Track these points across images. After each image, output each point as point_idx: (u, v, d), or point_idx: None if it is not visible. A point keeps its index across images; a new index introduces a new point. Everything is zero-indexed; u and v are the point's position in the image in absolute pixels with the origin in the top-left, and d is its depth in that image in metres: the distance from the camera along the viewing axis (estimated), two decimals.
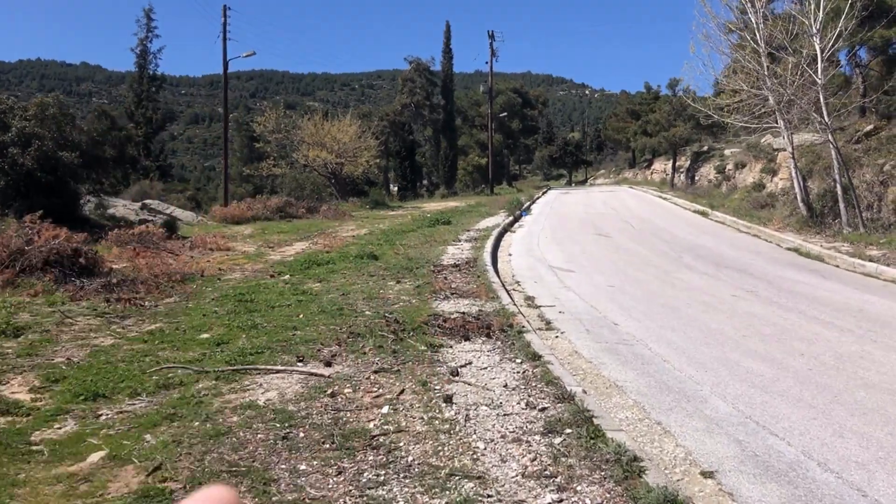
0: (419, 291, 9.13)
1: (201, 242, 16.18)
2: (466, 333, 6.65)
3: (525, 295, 9.81)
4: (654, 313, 8.76)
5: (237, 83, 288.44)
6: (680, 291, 10.57)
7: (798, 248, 16.73)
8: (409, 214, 27.73)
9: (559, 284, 10.98)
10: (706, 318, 8.58)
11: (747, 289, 11.01)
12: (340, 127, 35.22)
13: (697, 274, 12.47)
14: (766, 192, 27.23)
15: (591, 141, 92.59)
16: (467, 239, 17.14)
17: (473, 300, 8.56)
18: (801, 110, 18.89)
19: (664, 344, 7.13)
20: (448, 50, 51.37)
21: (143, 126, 37.27)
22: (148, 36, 39.23)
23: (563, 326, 7.81)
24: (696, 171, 42.15)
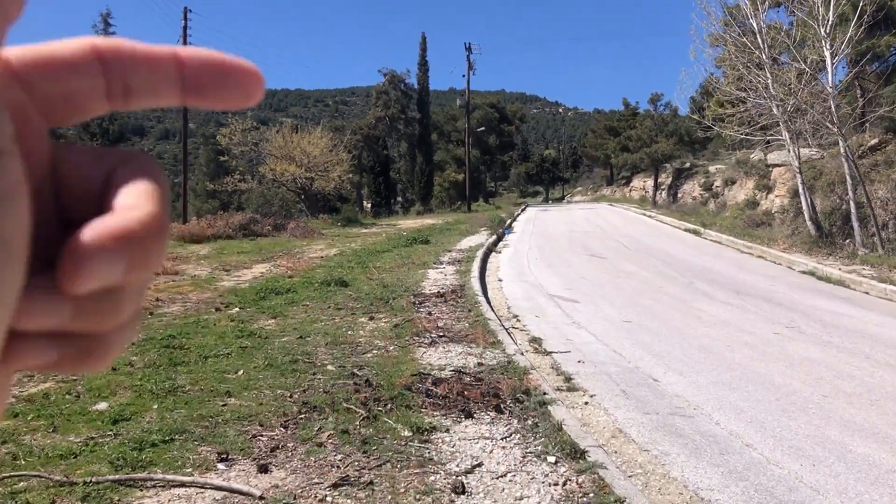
0: (398, 333, 7.22)
1: None
2: (467, 405, 4.76)
3: (529, 335, 7.94)
4: (696, 361, 6.94)
5: None
6: (711, 328, 8.78)
7: (814, 271, 15.14)
8: (384, 232, 25.83)
9: (566, 319, 9.13)
10: (761, 367, 6.78)
11: (785, 323, 9.28)
12: (310, 140, 33.27)
13: (719, 304, 10.73)
14: (760, 209, 25.82)
15: (567, 158, 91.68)
16: (450, 261, 15.27)
17: (468, 346, 6.68)
18: (813, 120, 17.32)
19: (731, 413, 5.30)
20: (424, 62, 49.74)
21: (98, 138, 34.92)
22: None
23: (589, 385, 5.94)
24: (678, 188, 40.86)
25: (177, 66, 0.29)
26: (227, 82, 0.30)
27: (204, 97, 0.30)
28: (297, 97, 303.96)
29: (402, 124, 50.02)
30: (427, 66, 49.92)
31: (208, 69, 0.30)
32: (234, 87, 0.30)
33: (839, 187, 19.87)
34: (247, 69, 0.30)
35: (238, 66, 0.30)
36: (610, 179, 64.22)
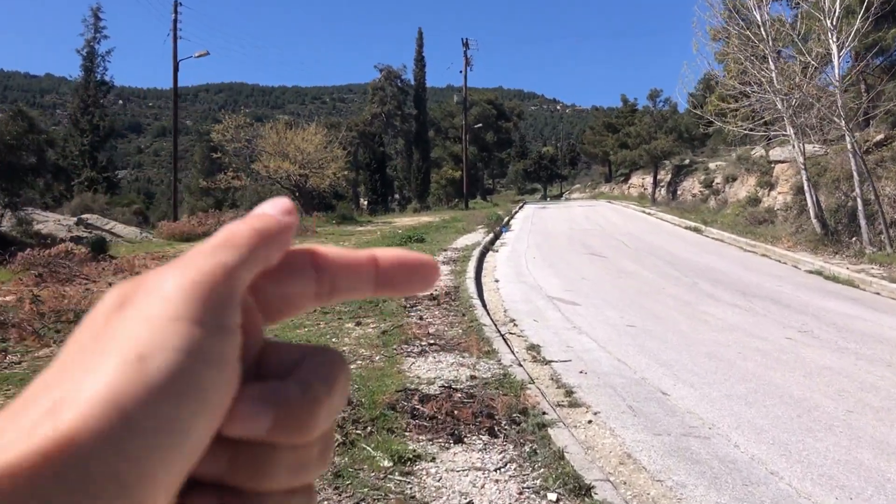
0: (385, 340, 6.70)
1: (129, 266, 13.60)
2: (457, 427, 4.24)
3: (527, 342, 7.42)
4: (706, 371, 6.43)
5: (206, 95, 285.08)
6: (719, 333, 8.28)
7: (821, 270, 14.66)
8: (379, 230, 25.32)
9: (566, 324, 8.62)
10: (777, 378, 6.27)
11: (797, 327, 8.79)
12: (305, 136, 32.65)
13: (726, 306, 10.23)
14: (763, 206, 25.32)
15: (565, 155, 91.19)
16: (445, 260, 14.75)
17: (461, 355, 6.17)
18: (820, 114, 16.81)
19: (750, 433, 4.79)
20: (420, 58, 49.13)
21: (88, 134, 34.33)
22: (95, 37, 36.12)
23: (592, 400, 5.43)
24: (677, 185, 40.37)
25: (374, 268, 0.34)
26: (411, 275, 0.34)
27: (393, 289, 0.34)
28: (294, 94, 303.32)
29: (399, 121, 49.42)
30: (424, 62, 49.32)
31: (398, 267, 0.34)
32: (417, 278, 0.34)
33: (844, 184, 19.39)
34: (427, 263, 0.35)
35: (420, 261, 0.35)
36: (608, 177, 63.74)
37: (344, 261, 0.33)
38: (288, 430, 0.29)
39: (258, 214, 0.32)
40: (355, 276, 0.33)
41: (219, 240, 0.30)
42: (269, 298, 0.32)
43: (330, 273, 0.33)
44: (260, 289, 0.31)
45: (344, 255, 0.34)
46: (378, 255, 0.34)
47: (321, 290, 0.33)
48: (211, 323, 0.27)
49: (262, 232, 0.31)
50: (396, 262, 0.34)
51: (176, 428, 0.26)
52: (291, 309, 0.33)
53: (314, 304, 0.33)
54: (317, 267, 0.33)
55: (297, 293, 0.32)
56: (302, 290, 0.32)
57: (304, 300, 0.33)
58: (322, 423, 0.31)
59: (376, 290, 0.34)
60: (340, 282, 0.33)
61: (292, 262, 0.33)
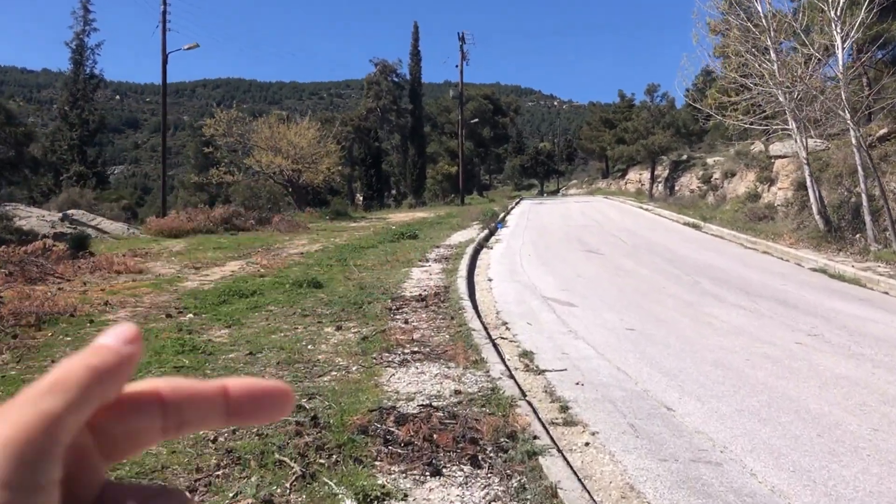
0: (365, 348, 6.18)
1: (107, 263, 13.05)
2: (435, 456, 3.70)
3: (520, 348, 6.89)
4: (713, 381, 5.92)
5: (203, 91, 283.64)
6: (724, 337, 7.78)
7: (825, 268, 14.18)
8: (372, 227, 24.82)
9: (562, 327, 8.10)
10: (790, 389, 5.77)
11: (806, 331, 8.29)
12: (298, 131, 32.08)
13: (730, 307, 9.73)
14: (762, 202, 24.84)
15: (562, 151, 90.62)
16: (437, 258, 14.23)
17: (446, 365, 5.64)
18: (824, 107, 16.29)
19: (767, 457, 4.28)
20: (416, 52, 48.49)
21: (77, 128, 33.66)
22: (85, 29, 35.41)
23: (590, 417, 4.91)
24: (675, 180, 39.90)
25: (224, 398, 0.33)
26: (263, 403, 0.34)
27: (245, 418, 0.34)
28: (292, 90, 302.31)
29: (394, 115, 48.82)
30: (419, 56, 48.69)
31: (248, 396, 0.33)
32: (270, 406, 0.34)
33: (847, 179, 18.92)
34: (279, 390, 0.35)
35: (272, 389, 0.34)
36: (605, 172, 63.19)
37: (191, 393, 0.32)
38: None
39: (96, 347, 0.31)
40: (204, 407, 0.32)
41: (48, 382, 0.28)
42: (112, 436, 0.30)
43: (178, 406, 0.32)
44: (100, 428, 0.30)
45: (191, 388, 0.32)
46: (229, 385, 0.33)
47: (168, 425, 0.32)
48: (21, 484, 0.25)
49: (97, 370, 0.29)
50: (247, 391, 0.33)
51: None
52: (136, 445, 0.32)
53: (161, 438, 0.32)
54: (162, 401, 0.31)
55: (142, 429, 0.31)
56: (148, 425, 0.31)
57: (149, 436, 0.32)
58: None
59: (228, 420, 0.33)
60: (188, 414, 0.32)
61: (135, 399, 0.31)
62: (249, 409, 0.33)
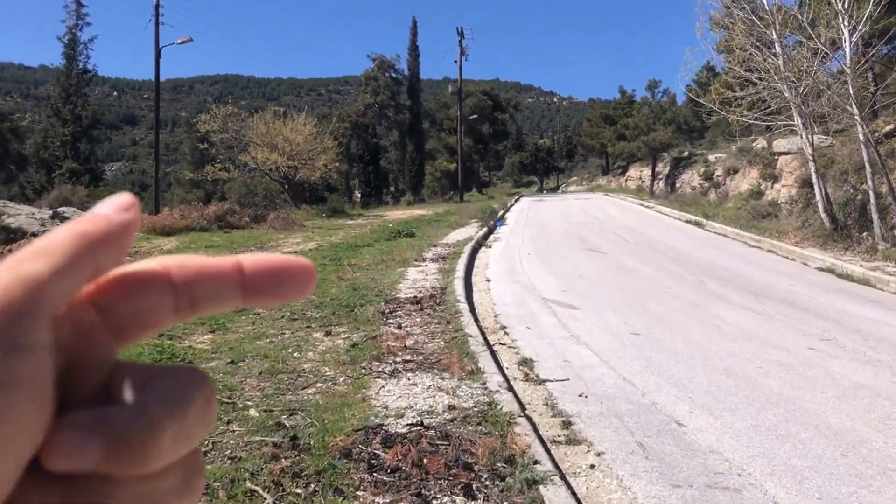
0: (354, 356, 5.79)
1: None
2: (425, 484, 3.28)
3: (519, 356, 6.50)
4: (725, 393, 5.55)
5: (201, 87, 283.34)
6: (734, 342, 7.40)
7: (832, 268, 13.83)
8: (369, 224, 24.44)
9: (563, 332, 7.72)
10: (808, 401, 5.40)
11: (818, 335, 7.92)
12: (294, 127, 31.64)
13: (738, 309, 9.36)
14: (766, 200, 24.49)
15: (562, 148, 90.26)
16: (434, 257, 13.86)
17: (440, 376, 5.26)
18: (831, 102, 15.90)
19: (789, 480, 3.90)
20: (414, 47, 48.04)
21: (70, 124, 33.20)
22: (78, 24, 34.94)
23: (595, 434, 4.52)
24: (676, 177, 39.54)
25: (239, 275, 0.31)
26: (283, 281, 0.32)
27: (264, 296, 0.32)
28: (290, 86, 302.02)
29: (393, 111, 48.37)
30: (418, 52, 48.25)
31: (267, 272, 0.32)
32: (290, 284, 0.32)
33: (853, 176, 18.54)
34: (301, 266, 0.32)
35: (293, 264, 0.32)
36: (606, 169, 62.79)
37: (203, 269, 0.31)
38: (122, 461, 0.26)
39: (87, 216, 0.30)
40: (217, 284, 0.31)
41: (32, 249, 0.27)
42: (120, 316, 0.29)
43: (188, 283, 0.30)
44: (106, 306, 0.29)
45: (204, 263, 0.31)
46: (244, 260, 0.32)
47: (180, 303, 0.30)
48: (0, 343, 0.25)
49: (86, 235, 0.28)
50: (265, 267, 0.31)
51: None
52: (147, 325, 0.30)
53: (175, 318, 0.31)
54: (171, 278, 0.30)
55: (151, 307, 0.30)
56: (157, 303, 0.30)
57: (161, 315, 0.30)
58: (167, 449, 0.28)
59: (246, 299, 0.32)
60: (200, 292, 0.30)
61: (141, 275, 0.30)
62: (268, 285, 0.31)
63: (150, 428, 0.27)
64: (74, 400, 0.27)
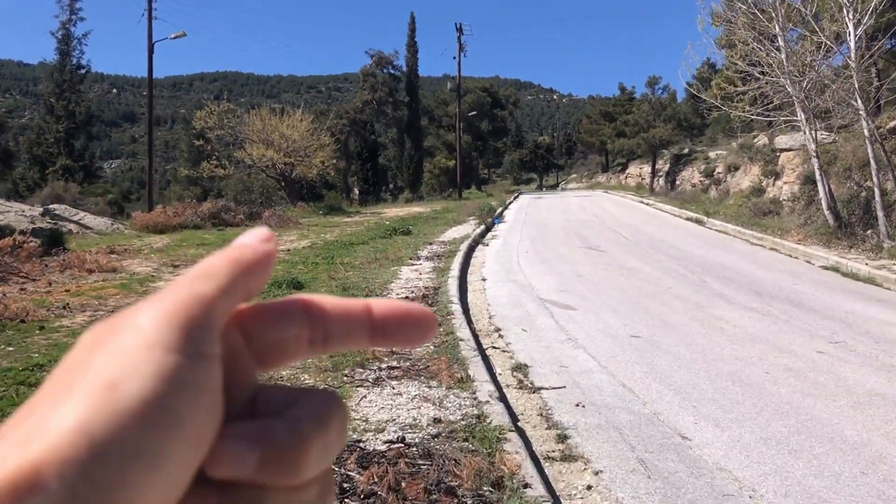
0: (337, 363, 5.43)
1: (79, 262, 12.33)
2: None
3: (513, 360, 6.15)
4: (732, 401, 5.21)
5: (200, 84, 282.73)
6: (739, 345, 7.07)
7: (837, 266, 13.51)
8: (366, 222, 24.10)
9: (560, 334, 7.37)
10: (820, 410, 5.06)
11: (827, 337, 7.59)
12: (290, 123, 31.30)
13: (741, 309, 9.03)
14: (767, 197, 24.15)
15: (561, 145, 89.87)
16: (429, 255, 13.52)
17: (427, 384, 4.92)
18: (835, 97, 15.55)
19: (808, 503, 3.55)
20: (413, 43, 47.61)
21: (64, 120, 32.78)
22: (71, 19, 34.50)
23: (592, 450, 4.18)
24: (676, 174, 39.19)
25: (368, 317, 0.33)
26: (407, 326, 0.34)
27: (389, 340, 0.34)
28: (290, 83, 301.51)
29: (391, 108, 47.96)
30: (416, 48, 47.80)
31: (393, 317, 0.34)
32: (414, 330, 0.34)
33: (857, 173, 18.20)
34: (424, 314, 0.35)
35: (417, 312, 0.34)
36: (605, 166, 62.41)
37: (338, 308, 0.33)
38: (276, 471, 0.28)
39: (235, 245, 0.32)
40: (349, 324, 0.33)
41: (196, 272, 0.30)
42: (262, 343, 0.32)
43: (323, 319, 0.32)
44: (251, 333, 0.31)
45: (338, 303, 0.33)
46: (373, 304, 0.34)
47: (315, 337, 0.32)
48: (186, 350, 0.27)
49: (239, 262, 0.31)
50: (391, 311, 0.33)
51: (148, 455, 0.25)
52: (285, 356, 0.33)
53: (308, 352, 0.33)
54: (309, 313, 0.32)
55: (289, 338, 0.32)
56: (294, 335, 0.32)
57: (297, 346, 0.32)
58: (314, 463, 0.29)
59: (372, 340, 0.33)
60: (334, 329, 0.33)
61: (283, 307, 0.32)
62: (393, 329, 0.33)
63: (302, 441, 0.29)
64: (226, 415, 0.29)
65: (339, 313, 0.32)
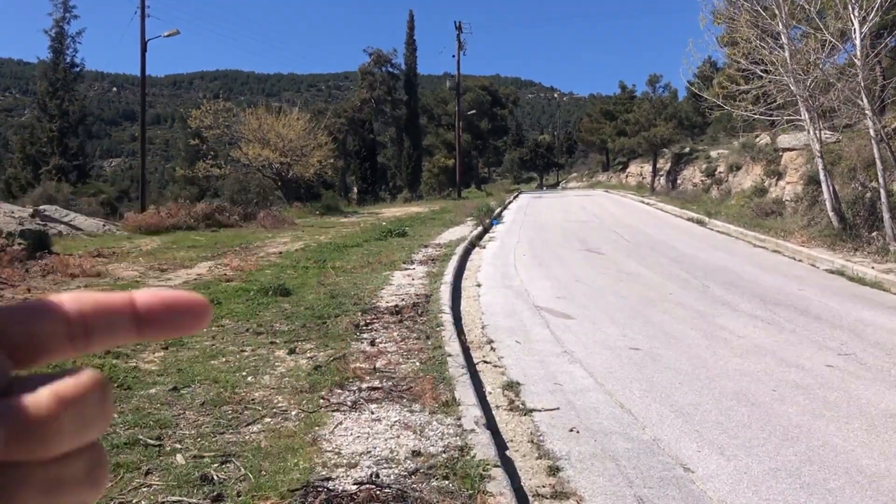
0: (315, 382, 5.07)
1: (62, 266, 11.97)
2: None
3: (505, 378, 5.79)
4: (738, 424, 4.85)
5: (201, 83, 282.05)
6: (744, 358, 6.71)
7: (842, 270, 13.15)
8: (363, 223, 23.78)
9: (556, 347, 7.01)
10: (833, 433, 4.70)
11: (836, 349, 7.23)
12: (286, 122, 30.92)
13: (746, 318, 8.67)
14: (770, 197, 23.78)
15: (562, 144, 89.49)
16: (423, 259, 13.16)
17: (409, 407, 4.54)
18: (841, 95, 15.17)
19: None
20: (412, 41, 47.20)
21: (57, 119, 32.39)
22: (65, 16, 34.13)
23: (586, 485, 3.81)
24: (677, 173, 38.82)
25: (132, 309, 0.33)
26: (176, 315, 0.34)
27: (158, 330, 0.34)
28: (290, 81, 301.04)
29: (389, 106, 47.56)
30: (415, 46, 47.40)
31: (159, 307, 0.33)
32: (184, 318, 0.34)
33: (861, 173, 17.83)
34: (193, 301, 0.34)
35: (185, 299, 0.34)
36: (606, 165, 62.02)
37: (99, 303, 0.33)
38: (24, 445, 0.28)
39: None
40: (110, 317, 0.32)
41: None
42: (14, 341, 0.31)
43: (79, 312, 0.32)
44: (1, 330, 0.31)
45: (98, 297, 0.33)
46: (137, 295, 0.33)
47: (74, 332, 0.32)
48: None
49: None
50: (156, 303, 0.33)
51: None
52: (42, 351, 0.32)
53: (71, 348, 0.32)
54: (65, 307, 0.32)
55: (42, 334, 0.32)
56: (49, 329, 0.32)
57: (56, 343, 0.32)
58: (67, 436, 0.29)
59: (140, 332, 0.33)
60: (94, 321, 0.32)
61: (34, 303, 0.32)
62: (160, 319, 0.33)
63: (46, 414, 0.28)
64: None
65: (98, 308, 0.32)
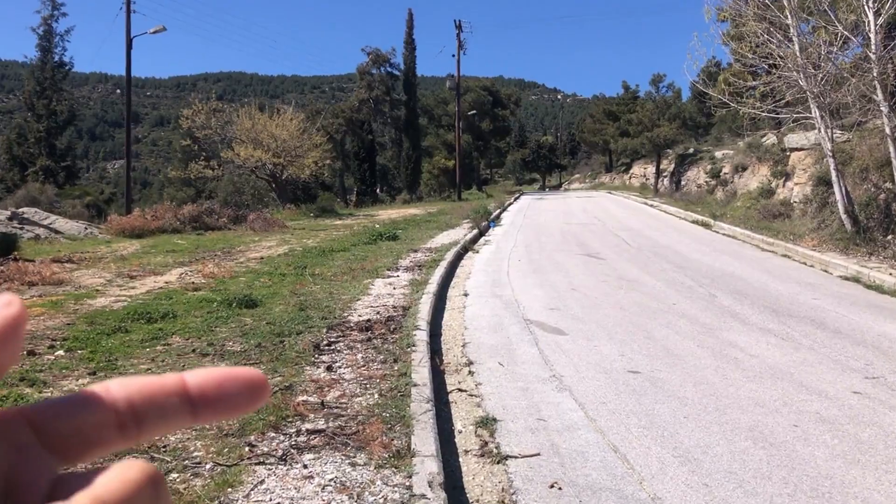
0: (246, 422, 4.23)
1: (19, 273, 11.16)
2: None
3: (480, 411, 4.93)
4: (754, 474, 4.02)
5: (204, 85, 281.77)
6: (758, 383, 5.88)
7: (857, 277, 12.31)
8: (355, 225, 22.97)
9: (543, 370, 6.16)
10: (868, 487, 3.89)
11: (861, 370, 6.39)
12: (280, 122, 30.10)
13: (757, 332, 7.83)
14: (777, 199, 22.93)
15: (565, 145, 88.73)
16: (410, 265, 12.34)
17: (352, 460, 3.66)
18: (856, 90, 14.31)
19: None
20: (411, 40, 46.36)
21: (45, 120, 31.64)
22: (54, 14, 33.38)
23: None
24: (681, 174, 37.99)
25: (184, 391, 0.31)
26: (232, 394, 0.31)
27: (215, 412, 0.32)
28: (294, 83, 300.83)
29: (388, 107, 46.75)
30: (414, 45, 46.55)
31: (213, 387, 0.31)
32: (240, 396, 0.32)
33: (874, 173, 16.98)
34: (248, 377, 0.32)
35: (241, 376, 0.32)
36: (609, 166, 61.17)
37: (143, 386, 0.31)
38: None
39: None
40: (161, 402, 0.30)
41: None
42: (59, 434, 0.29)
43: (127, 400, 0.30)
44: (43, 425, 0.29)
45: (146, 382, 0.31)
46: (188, 377, 0.31)
47: (123, 421, 0.30)
48: None
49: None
50: (211, 380, 0.31)
51: None
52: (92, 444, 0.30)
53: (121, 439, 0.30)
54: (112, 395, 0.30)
55: (89, 425, 0.30)
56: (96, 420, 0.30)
57: (104, 434, 0.30)
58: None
59: (195, 416, 0.31)
60: (144, 408, 0.30)
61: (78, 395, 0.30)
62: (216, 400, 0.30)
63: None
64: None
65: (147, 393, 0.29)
